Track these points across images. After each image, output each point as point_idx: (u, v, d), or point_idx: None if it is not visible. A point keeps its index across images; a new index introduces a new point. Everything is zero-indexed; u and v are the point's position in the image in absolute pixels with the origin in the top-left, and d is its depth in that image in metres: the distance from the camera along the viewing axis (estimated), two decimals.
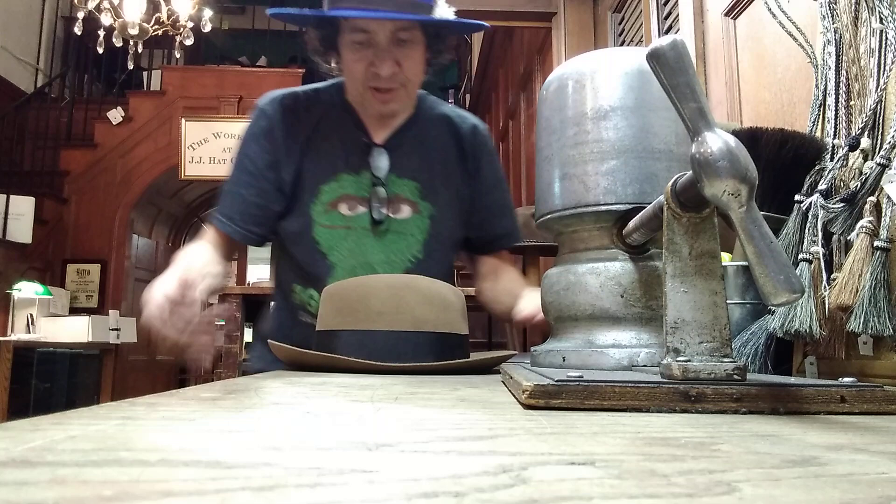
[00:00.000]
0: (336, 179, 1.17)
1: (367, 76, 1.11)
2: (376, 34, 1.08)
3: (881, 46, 0.80)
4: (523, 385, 0.48)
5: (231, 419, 0.41)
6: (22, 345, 4.59)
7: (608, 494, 0.22)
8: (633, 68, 0.73)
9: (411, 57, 1.11)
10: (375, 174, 1.16)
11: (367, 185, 1.17)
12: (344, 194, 1.17)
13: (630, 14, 2.90)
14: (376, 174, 1.16)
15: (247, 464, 0.26)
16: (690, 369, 0.50)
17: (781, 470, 0.27)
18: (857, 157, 0.79)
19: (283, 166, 1.17)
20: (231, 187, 1.19)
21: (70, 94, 6.98)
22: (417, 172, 1.19)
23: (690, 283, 0.53)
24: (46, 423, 0.35)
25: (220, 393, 0.57)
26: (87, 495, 0.21)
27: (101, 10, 4.22)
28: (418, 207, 1.18)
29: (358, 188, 1.17)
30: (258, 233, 1.19)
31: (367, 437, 0.34)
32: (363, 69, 1.10)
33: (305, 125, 1.19)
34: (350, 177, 1.17)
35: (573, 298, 0.73)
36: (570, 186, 0.74)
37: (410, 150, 1.20)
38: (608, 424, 0.40)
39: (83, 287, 6.05)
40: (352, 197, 1.17)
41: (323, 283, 1.12)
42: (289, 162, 1.17)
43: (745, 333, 0.83)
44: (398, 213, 1.17)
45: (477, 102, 7.37)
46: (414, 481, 0.24)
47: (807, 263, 0.77)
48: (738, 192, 0.46)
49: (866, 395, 0.48)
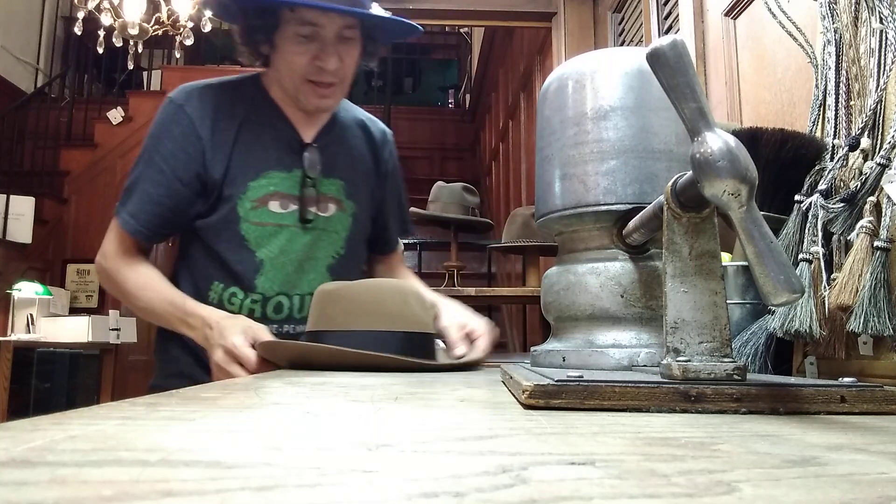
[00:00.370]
0: (266, 176, 1.16)
1: (310, 70, 1.11)
2: (324, 28, 1.09)
3: (881, 46, 0.80)
4: (523, 385, 0.48)
5: (231, 419, 0.41)
6: (22, 345, 4.59)
7: (608, 494, 0.22)
8: (633, 68, 0.73)
9: (351, 55, 1.13)
10: (309, 173, 1.17)
11: (298, 183, 1.17)
12: (275, 191, 1.16)
13: (630, 14, 2.90)
14: (309, 173, 1.17)
15: (247, 464, 0.26)
16: (690, 369, 0.50)
17: (781, 470, 0.27)
18: (857, 157, 0.79)
19: (211, 163, 1.14)
20: (139, 184, 1.14)
21: (70, 94, 6.98)
22: (343, 171, 1.22)
23: (690, 283, 0.53)
24: (46, 423, 0.35)
25: (220, 393, 0.57)
26: (87, 495, 0.21)
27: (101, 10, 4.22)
28: (343, 206, 1.21)
29: (289, 186, 1.17)
30: (161, 234, 1.17)
31: (367, 437, 0.34)
32: (306, 62, 1.11)
33: (232, 120, 1.17)
34: (281, 174, 1.17)
35: (573, 298, 0.73)
36: (570, 186, 0.74)
37: (336, 149, 1.22)
38: (608, 424, 0.40)
39: (83, 287, 6.05)
40: (283, 194, 1.16)
41: (249, 280, 1.13)
42: (217, 158, 1.14)
43: (745, 333, 0.83)
44: (326, 212, 1.19)
45: (477, 102, 7.37)
46: (414, 481, 0.24)
47: (807, 263, 0.77)
48: (738, 192, 0.46)
49: (866, 395, 0.48)
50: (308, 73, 1.12)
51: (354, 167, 1.24)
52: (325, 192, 1.20)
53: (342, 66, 1.12)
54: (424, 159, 7.80)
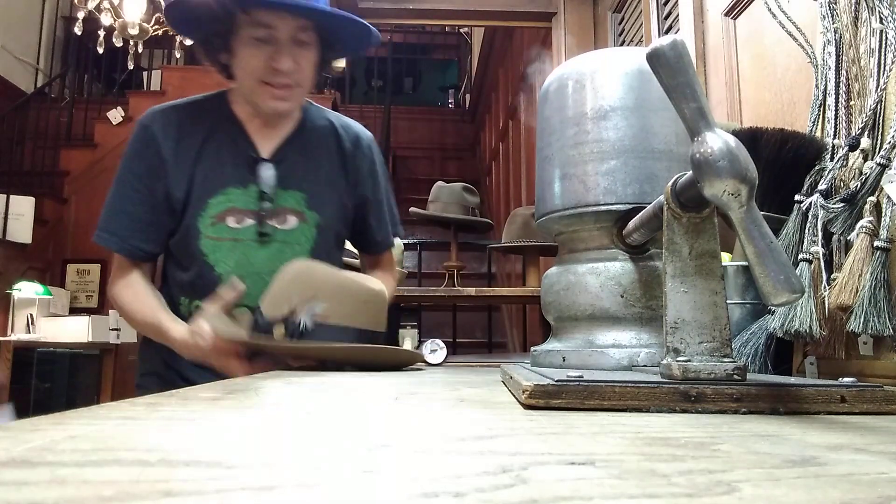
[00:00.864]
0: (224, 193, 1.19)
1: (265, 71, 1.13)
2: (278, 30, 1.11)
3: (881, 46, 0.80)
4: (523, 385, 0.48)
5: (231, 419, 0.41)
6: (22, 345, 4.59)
7: (608, 494, 0.22)
8: (633, 68, 0.73)
9: (307, 58, 1.15)
10: (262, 188, 1.19)
11: (255, 198, 1.19)
12: (231, 207, 1.19)
13: (630, 14, 2.90)
14: (263, 188, 1.19)
15: (247, 464, 0.26)
16: (690, 369, 0.50)
17: (781, 470, 0.27)
18: (857, 157, 0.79)
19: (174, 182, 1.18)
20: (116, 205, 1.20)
21: (70, 94, 6.97)
22: (304, 183, 1.23)
23: (690, 283, 0.53)
24: (46, 423, 0.35)
25: (220, 393, 0.57)
26: (87, 495, 0.21)
27: (101, 10, 4.22)
28: (305, 217, 1.22)
29: (245, 202, 1.19)
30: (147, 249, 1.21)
31: (367, 437, 0.34)
32: (261, 64, 1.13)
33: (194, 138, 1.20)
34: (237, 190, 1.19)
35: (573, 298, 0.73)
36: (570, 186, 0.74)
37: (296, 161, 1.23)
38: (608, 424, 0.40)
39: (83, 287, 6.05)
40: (239, 210, 1.19)
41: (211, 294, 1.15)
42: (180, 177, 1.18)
43: (745, 333, 0.83)
44: (284, 224, 1.21)
45: (477, 102, 7.37)
46: (414, 481, 0.24)
47: (807, 263, 0.77)
48: (738, 192, 0.46)
49: (866, 395, 0.48)
50: (263, 75, 1.14)
51: (318, 177, 1.25)
52: (284, 205, 1.21)
53: (298, 68, 1.14)
54: (424, 159, 7.80)
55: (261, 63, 1.12)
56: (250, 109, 1.22)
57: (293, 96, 1.18)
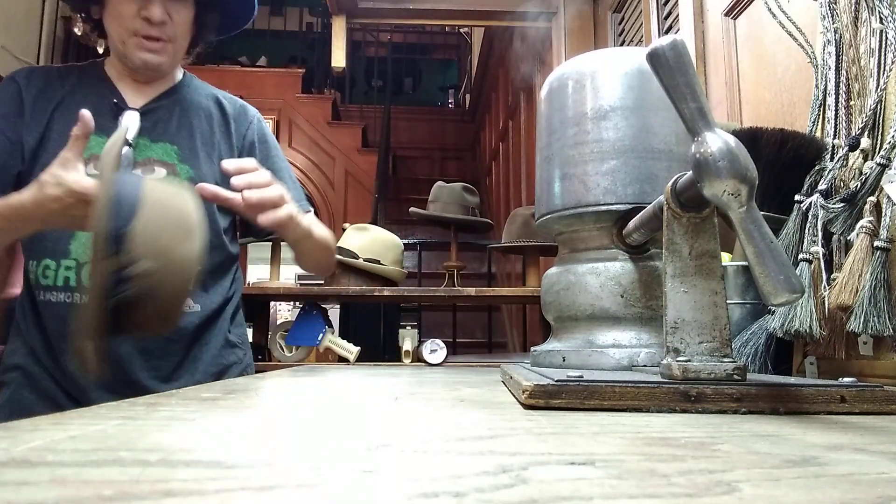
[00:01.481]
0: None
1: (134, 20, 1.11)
2: None
3: (881, 46, 0.80)
4: (523, 385, 0.48)
5: (231, 419, 0.41)
6: None
7: (608, 494, 0.22)
8: (633, 68, 0.73)
9: (180, 13, 1.13)
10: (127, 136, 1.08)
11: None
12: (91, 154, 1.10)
13: (630, 14, 2.90)
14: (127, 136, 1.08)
15: (247, 464, 0.26)
16: (690, 369, 0.50)
17: (781, 470, 0.27)
18: (857, 157, 0.79)
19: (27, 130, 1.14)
20: None
21: None
22: (176, 137, 1.18)
23: (690, 283, 0.53)
24: (46, 423, 0.35)
25: (220, 393, 0.57)
26: (87, 495, 0.21)
27: None
28: (176, 170, 1.17)
29: None
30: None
31: (367, 437, 0.34)
32: (133, 13, 1.10)
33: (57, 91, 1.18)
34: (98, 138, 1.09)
35: (573, 298, 0.73)
36: (570, 186, 0.74)
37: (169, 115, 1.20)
38: (608, 424, 0.40)
39: None
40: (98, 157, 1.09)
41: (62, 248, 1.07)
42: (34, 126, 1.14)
43: (745, 333, 0.83)
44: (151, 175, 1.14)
45: (477, 102, 7.37)
46: (414, 481, 0.24)
47: (807, 263, 0.77)
48: (738, 192, 0.46)
49: (866, 395, 0.48)
50: (133, 25, 1.11)
51: (192, 134, 1.20)
52: (151, 156, 1.16)
53: (171, 23, 1.12)
54: (424, 159, 7.80)
55: (132, 12, 1.10)
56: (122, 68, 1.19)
57: (165, 50, 1.15)
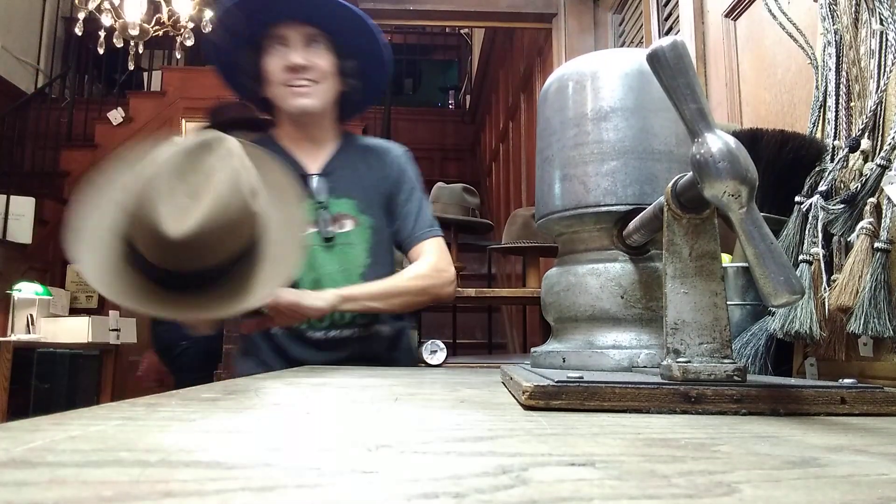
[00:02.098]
0: None
1: (284, 75, 1.29)
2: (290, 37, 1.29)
3: (881, 48, 0.80)
4: (523, 386, 0.48)
5: (231, 419, 0.41)
6: (22, 345, 4.58)
7: (608, 495, 0.22)
8: (634, 69, 0.73)
9: (320, 57, 1.30)
10: (317, 199, 1.33)
11: (312, 208, 1.31)
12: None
13: (630, 15, 2.90)
14: (318, 199, 1.33)
15: (247, 464, 0.26)
16: (690, 370, 0.50)
17: (781, 471, 0.27)
18: (857, 158, 0.79)
19: None
20: None
21: (70, 94, 6.96)
22: (352, 191, 1.36)
23: (691, 285, 0.53)
24: (46, 423, 0.35)
25: (220, 393, 0.57)
26: (87, 495, 0.21)
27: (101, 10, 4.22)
28: (358, 220, 1.35)
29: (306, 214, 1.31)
30: None
31: (367, 437, 0.34)
32: (280, 67, 1.29)
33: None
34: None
35: (573, 299, 0.73)
36: (571, 187, 0.74)
37: (343, 173, 1.37)
38: (608, 425, 0.40)
39: (83, 287, 6.04)
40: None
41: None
42: None
43: (745, 334, 0.83)
44: (343, 228, 1.34)
45: (477, 103, 7.37)
46: (414, 482, 0.24)
47: (807, 264, 0.76)
48: (739, 194, 0.46)
49: (866, 396, 0.48)
50: (283, 77, 1.29)
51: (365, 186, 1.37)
52: (339, 211, 1.34)
53: (313, 66, 1.29)
54: (424, 160, 7.76)
55: (279, 66, 1.28)
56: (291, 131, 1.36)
57: (313, 92, 1.30)
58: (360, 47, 1.33)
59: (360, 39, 1.32)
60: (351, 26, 1.30)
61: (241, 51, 1.33)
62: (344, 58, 1.33)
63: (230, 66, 1.37)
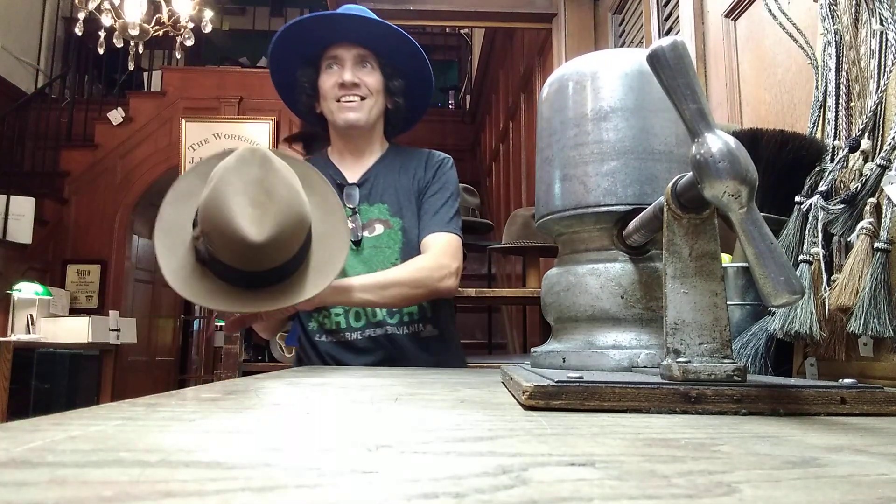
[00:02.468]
0: None
1: (336, 92, 1.40)
2: (343, 57, 1.40)
3: (881, 48, 0.80)
4: (523, 386, 0.48)
5: (231, 420, 0.41)
6: (22, 345, 4.59)
7: (608, 495, 0.22)
8: (634, 69, 0.73)
9: (370, 75, 1.42)
10: (349, 205, 1.42)
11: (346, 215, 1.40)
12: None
13: (630, 15, 2.90)
14: (349, 205, 1.43)
15: (247, 464, 0.26)
16: (690, 370, 0.50)
17: (781, 471, 0.27)
18: (857, 158, 0.79)
19: None
20: None
21: (70, 94, 6.97)
22: (386, 195, 1.45)
23: (691, 285, 0.53)
24: (46, 423, 0.35)
25: (220, 393, 0.57)
26: (87, 496, 0.21)
27: (101, 10, 4.22)
28: (390, 223, 1.44)
29: None
30: None
31: (367, 437, 0.34)
32: (333, 84, 1.40)
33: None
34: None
35: (573, 299, 0.73)
36: (571, 187, 0.74)
37: (378, 181, 1.46)
38: (608, 425, 0.40)
39: (83, 288, 6.05)
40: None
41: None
42: None
43: (745, 334, 0.83)
44: (373, 232, 1.43)
45: (477, 104, 7.37)
46: (414, 482, 0.24)
47: (807, 265, 0.77)
48: (739, 194, 0.46)
49: (866, 396, 0.48)
50: (335, 94, 1.40)
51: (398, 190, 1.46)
52: (371, 217, 1.44)
53: (362, 83, 1.40)
54: None
55: (331, 83, 1.40)
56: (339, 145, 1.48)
57: (361, 107, 1.41)
58: (407, 68, 1.44)
59: (407, 61, 1.42)
60: (399, 48, 1.41)
61: (299, 69, 1.44)
62: (391, 77, 1.43)
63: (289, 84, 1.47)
